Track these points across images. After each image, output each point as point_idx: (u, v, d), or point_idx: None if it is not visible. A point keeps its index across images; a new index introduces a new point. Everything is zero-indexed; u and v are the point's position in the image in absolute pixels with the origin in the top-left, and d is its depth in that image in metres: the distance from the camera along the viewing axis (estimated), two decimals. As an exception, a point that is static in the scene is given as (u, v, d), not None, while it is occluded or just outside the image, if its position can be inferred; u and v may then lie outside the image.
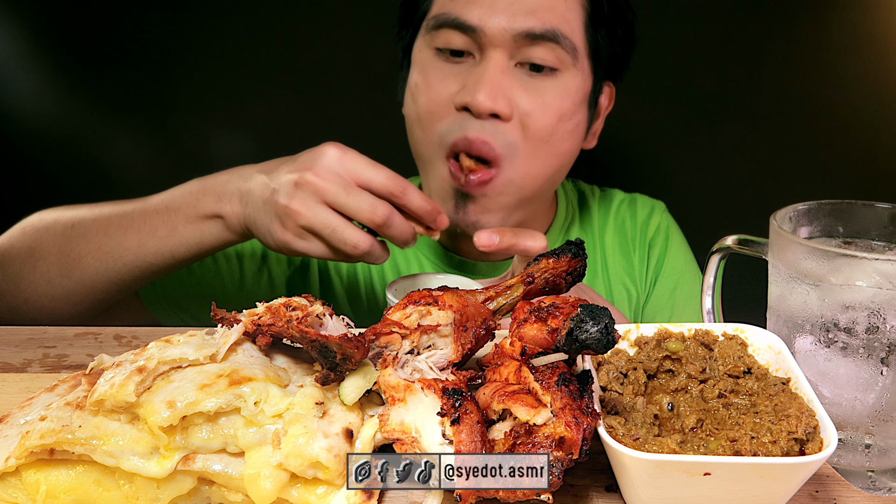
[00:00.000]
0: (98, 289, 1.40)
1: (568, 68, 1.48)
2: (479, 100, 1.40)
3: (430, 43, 1.51)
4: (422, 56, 1.53)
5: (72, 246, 1.39)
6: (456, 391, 0.74)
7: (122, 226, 1.38)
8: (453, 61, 1.48)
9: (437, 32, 1.48)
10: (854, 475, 0.88)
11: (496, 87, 1.41)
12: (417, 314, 0.84)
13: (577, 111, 1.52)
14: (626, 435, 0.74)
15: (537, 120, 1.46)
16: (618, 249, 1.77)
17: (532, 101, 1.45)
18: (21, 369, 1.04)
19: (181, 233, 1.34)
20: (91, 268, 1.38)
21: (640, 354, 0.87)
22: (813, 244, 0.87)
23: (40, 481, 0.75)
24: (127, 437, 0.74)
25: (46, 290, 1.40)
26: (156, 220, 1.36)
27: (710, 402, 0.81)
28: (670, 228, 1.79)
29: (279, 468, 0.74)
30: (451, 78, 1.47)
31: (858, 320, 0.85)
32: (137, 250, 1.36)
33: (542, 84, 1.46)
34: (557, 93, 1.47)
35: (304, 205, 1.22)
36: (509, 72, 1.45)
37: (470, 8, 1.43)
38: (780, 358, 0.84)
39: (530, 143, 1.47)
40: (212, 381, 0.76)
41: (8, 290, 1.42)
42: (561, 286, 0.93)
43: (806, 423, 0.73)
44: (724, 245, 1.03)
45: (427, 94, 1.50)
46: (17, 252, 1.43)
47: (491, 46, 1.43)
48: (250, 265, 1.65)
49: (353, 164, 1.24)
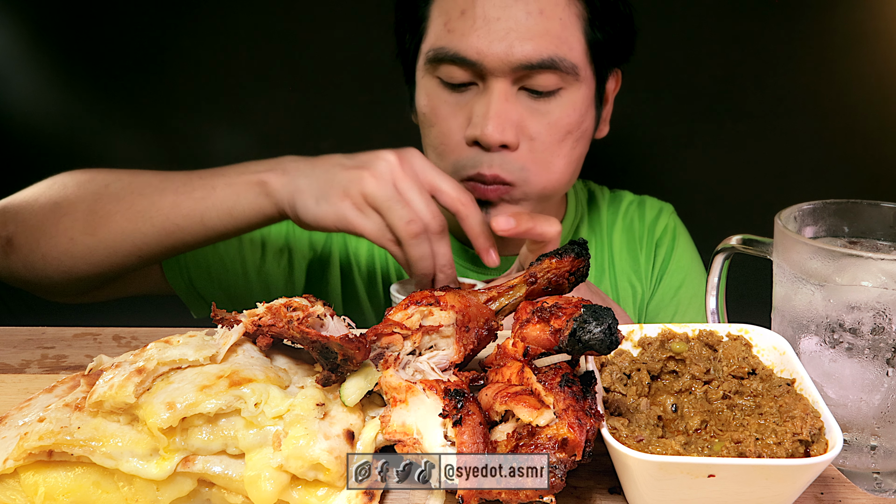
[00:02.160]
0: (121, 251, 1.38)
1: (571, 84, 1.48)
2: (489, 133, 1.42)
3: (431, 72, 1.52)
4: (426, 83, 1.54)
5: (102, 204, 1.37)
6: (458, 392, 0.74)
7: (159, 187, 1.36)
8: (458, 91, 1.49)
9: (438, 65, 1.49)
10: (859, 477, 0.88)
11: (503, 118, 1.43)
12: (419, 314, 0.83)
13: (584, 119, 1.53)
14: (629, 436, 0.74)
15: (545, 140, 1.48)
16: (625, 248, 1.79)
17: (538, 124, 1.47)
18: (19, 370, 1.04)
19: (217, 195, 1.33)
20: (118, 227, 1.36)
21: (643, 355, 0.86)
22: (818, 244, 0.86)
23: (39, 483, 0.75)
24: (126, 438, 0.74)
25: (67, 246, 1.38)
26: (196, 183, 1.35)
27: (715, 404, 0.80)
28: (678, 229, 1.81)
29: (280, 470, 0.74)
30: (458, 111, 1.49)
31: (864, 321, 0.84)
32: (169, 211, 1.34)
33: (546, 105, 1.48)
34: (563, 110, 1.49)
35: (378, 176, 1.23)
36: (514, 98, 1.46)
37: (467, 41, 1.43)
38: (784, 359, 0.84)
39: (541, 159, 1.49)
40: (212, 382, 0.75)
41: (26, 243, 1.40)
42: (564, 286, 0.93)
43: (811, 424, 0.73)
44: (729, 245, 1.02)
45: (438, 128, 1.52)
46: (42, 205, 1.41)
47: (492, 77, 1.44)
48: (273, 251, 1.66)
49: (431, 168, 1.27)
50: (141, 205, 1.36)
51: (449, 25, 1.46)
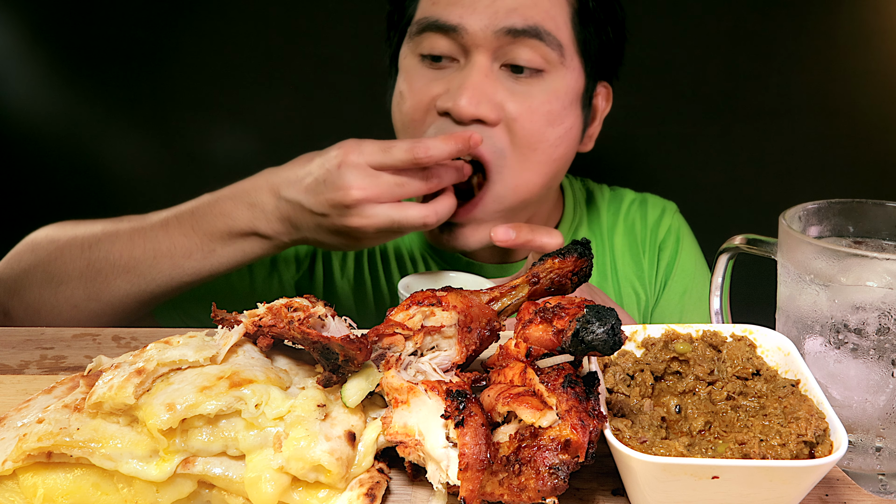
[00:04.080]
0: (129, 308, 1.39)
1: (555, 68, 1.43)
2: (462, 105, 1.36)
3: (414, 49, 1.49)
4: (407, 63, 1.51)
5: (97, 269, 1.36)
6: (460, 393, 0.73)
7: (148, 251, 1.35)
8: (438, 66, 1.45)
9: (421, 37, 1.46)
10: (864, 478, 0.87)
11: (479, 91, 1.38)
12: (421, 315, 0.83)
13: (567, 113, 1.47)
14: (632, 438, 0.73)
15: (525, 125, 1.41)
16: (627, 251, 1.74)
17: (519, 105, 1.41)
18: (18, 371, 1.04)
19: (220, 254, 1.34)
20: (121, 290, 1.36)
21: (647, 356, 0.86)
22: (823, 244, 0.86)
23: (38, 485, 0.74)
24: (126, 439, 0.74)
25: (72, 312, 1.38)
26: (184, 243, 1.34)
27: (719, 405, 0.80)
28: (681, 230, 1.76)
29: (280, 471, 0.73)
30: (434, 83, 1.45)
31: (869, 321, 0.84)
32: (171, 272, 1.35)
33: (528, 87, 1.42)
34: (545, 96, 1.43)
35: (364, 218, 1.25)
36: (494, 75, 1.41)
37: (451, 9, 1.41)
38: (789, 359, 0.83)
39: (519, 150, 1.42)
40: (212, 383, 0.75)
41: (27, 316, 1.39)
42: (567, 286, 0.92)
43: (815, 425, 0.72)
44: (733, 245, 1.02)
45: (411, 99, 1.47)
46: (34, 278, 1.40)
47: (474, 49, 1.40)
48: (260, 271, 1.64)
49: (375, 153, 1.26)
50: (140, 269, 1.36)
51: None
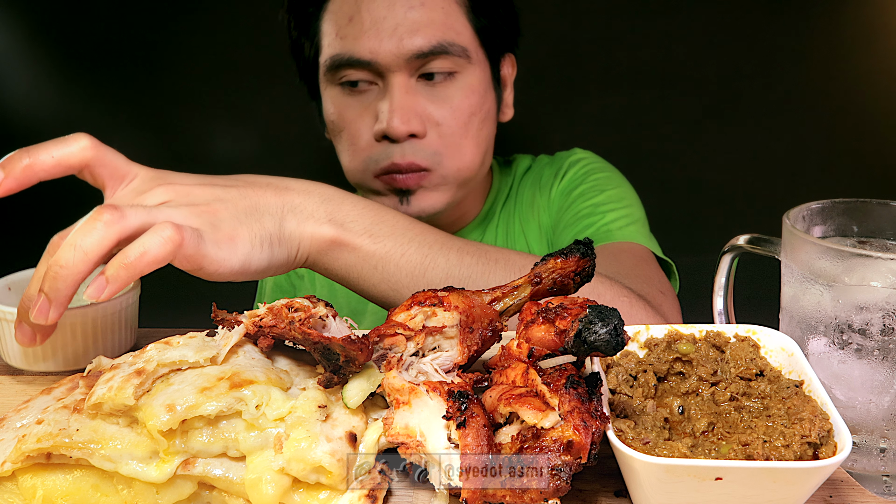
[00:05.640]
0: None
1: (465, 67, 1.56)
2: (395, 126, 1.49)
3: (332, 81, 1.59)
4: (330, 93, 1.62)
5: None
6: (462, 394, 0.73)
7: None
8: (360, 91, 1.57)
9: (336, 72, 1.56)
10: (869, 480, 0.87)
11: (406, 109, 1.51)
12: (422, 315, 0.83)
13: (484, 100, 1.61)
14: (635, 439, 0.73)
15: (451, 124, 1.55)
16: (533, 201, 1.81)
17: (441, 110, 1.55)
18: (18, 371, 1.03)
19: None
20: None
21: (650, 356, 0.86)
22: (827, 244, 0.85)
23: (37, 486, 0.74)
24: (125, 440, 0.73)
25: None
26: None
27: (722, 406, 0.79)
28: (589, 159, 1.81)
29: (281, 473, 0.73)
30: (364, 112, 1.56)
31: (873, 321, 0.83)
32: None
33: (445, 89, 1.55)
34: (462, 94, 1.56)
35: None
36: (413, 89, 1.53)
37: (360, 43, 1.50)
38: (793, 360, 0.83)
39: (451, 145, 1.56)
40: (212, 383, 0.75)
41: None
42: (569, 286, 0.92)
43: (819, 426, 0.72)
44: (736, 244, 1.02)
45: (347, 130, 1.60)
46: None
47: (389, 73, 1.51)
48: None
49: None
50: None
51: (340, 33, 1.54)
